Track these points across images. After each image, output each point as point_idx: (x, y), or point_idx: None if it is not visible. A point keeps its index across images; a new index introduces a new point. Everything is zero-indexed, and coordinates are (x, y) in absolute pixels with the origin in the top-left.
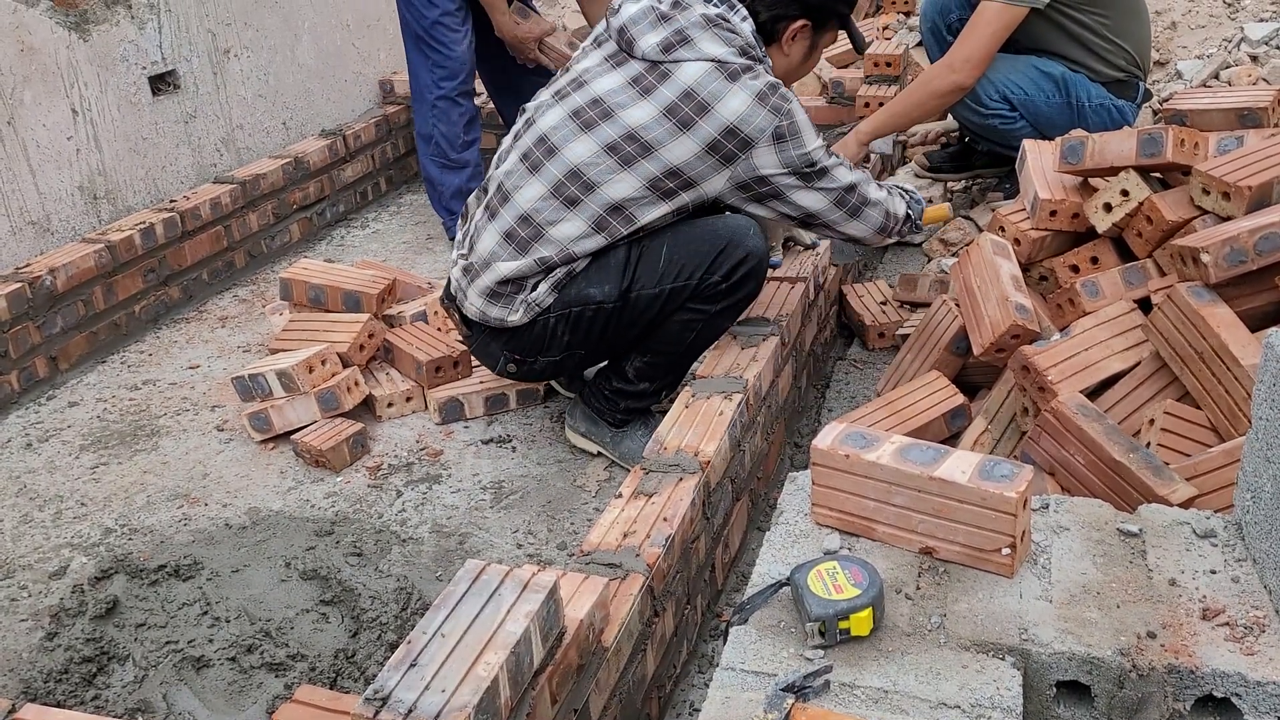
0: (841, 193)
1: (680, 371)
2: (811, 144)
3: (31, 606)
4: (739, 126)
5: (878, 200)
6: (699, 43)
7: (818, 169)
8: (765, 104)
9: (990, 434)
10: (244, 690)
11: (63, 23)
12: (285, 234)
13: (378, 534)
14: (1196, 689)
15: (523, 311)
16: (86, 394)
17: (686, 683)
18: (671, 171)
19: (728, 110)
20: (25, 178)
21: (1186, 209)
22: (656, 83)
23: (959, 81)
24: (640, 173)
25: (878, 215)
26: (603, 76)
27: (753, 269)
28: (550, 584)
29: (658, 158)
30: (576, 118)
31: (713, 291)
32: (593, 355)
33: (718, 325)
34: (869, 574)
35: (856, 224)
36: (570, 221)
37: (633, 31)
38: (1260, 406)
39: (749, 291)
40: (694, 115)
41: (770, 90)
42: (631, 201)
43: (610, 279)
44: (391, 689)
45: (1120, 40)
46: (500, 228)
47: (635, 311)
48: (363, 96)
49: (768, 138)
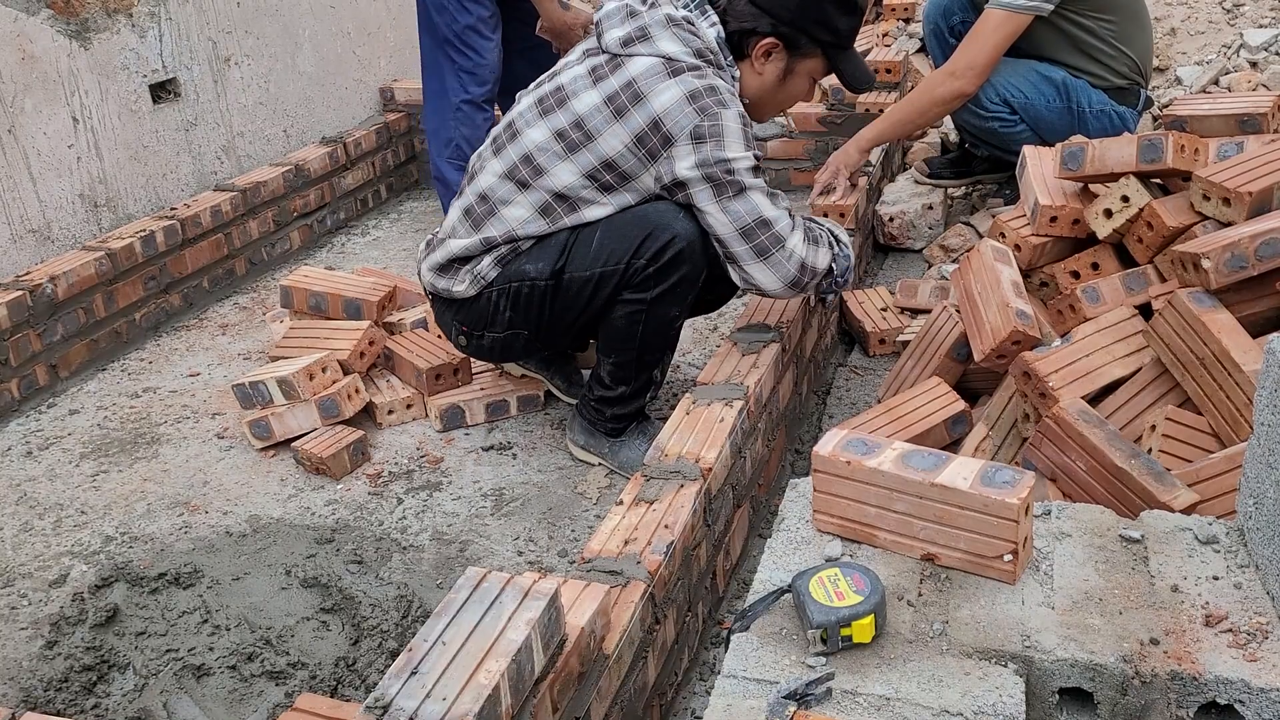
0: (752, 224)
1: (649, 369)
2: (734, 152)
3: (32, 615)
4: (662, 119)
5: (793, 250)
6: (657, 40)
7: (733, 181)
8: (695, 102)
9: (991, 440)
10: (244, 699)
11: (63, 31)
12: (286, 241)
13: (378, 541)
14: (1199, 696)
15: (468, 283)
16: (87, 402)
17: (688, 690)
18: (606, 163)
19: (657, 103)
20: (26, 185)
21: (1187, 215)
22: (609, 73)
23: (961, 88)
24: (580, 162)
25: (789, 266)
26: (574, 67)
27: (680, 252)
28: (551, 591)
29: (595, 148)
30: (540, 104)
31: (641, 277)
32: (536, 337)
33: (662, 314)
34: (871, 581)
35: (760, 266)
36: (519, 205)
37: (604, 25)
38: (1262, 412)
39: (683, 275)
40: (628, 104)
41: (706, 91)
42: (572, 190)
43: (546, 257)
44: (392, 697)
45: (1123, 47)
46: (463, 204)
47: (569, 294)
48: (363, 104)
49: (687, 135)
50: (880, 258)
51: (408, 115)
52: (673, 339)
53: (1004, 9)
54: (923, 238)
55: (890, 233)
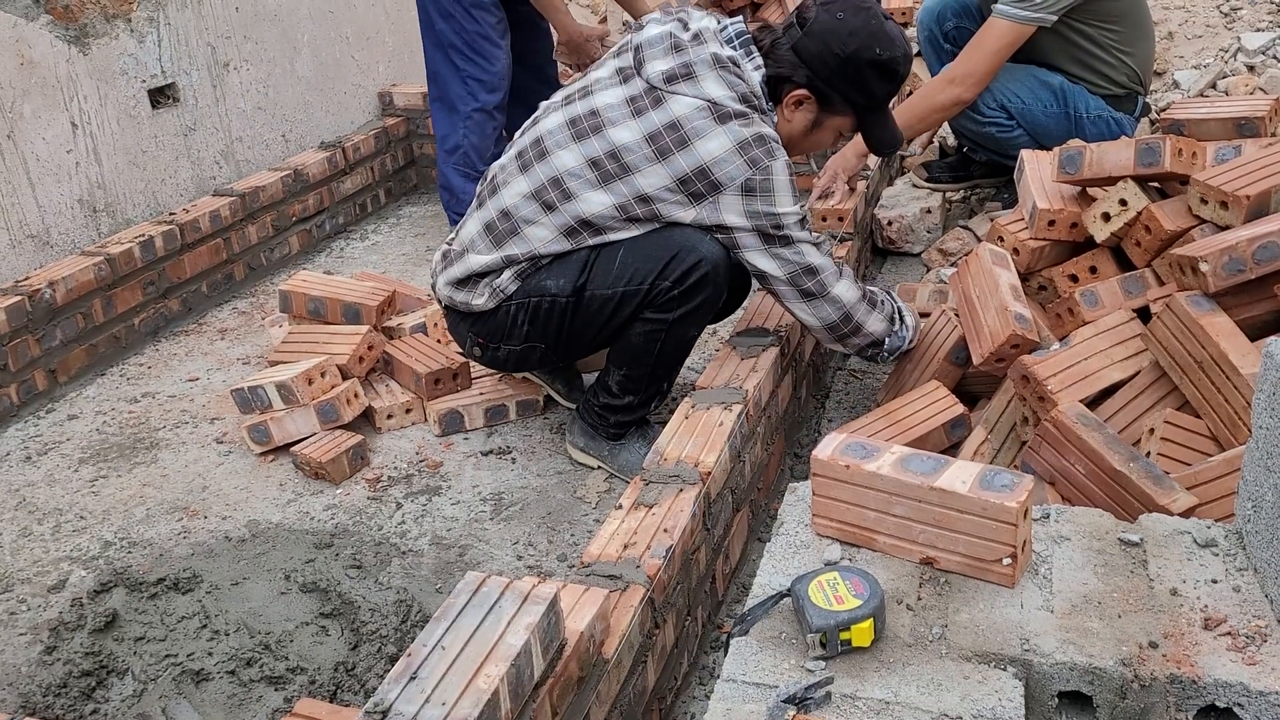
0: (799, 271)
1: (660, 382)
2: (784, 207)
3: (30, 620)
4: (711, 168)
5: (838, 298)
6: (702, 80)
7: (782, 235)
8: (745, 153)
9: (990, 444)
10: (244, 704)
11: (62, 36)
12: (285, 246)
13: (377, 546)
14: (1199, 699)
15: (487, 296)
16: (86, 407)
17: (687, 695)
18: (642, 198)
19: (705, 149)
20: (25, 191)
21: (1185, 218)
22: (650, 107)
23: (960, 95)
24: (614, 193)
25: (832, 312)
26: (608, 90)
27: (705, 275)
28: (551, 596)
29: (631, 182)
30: (572, 126)
31: (665, 298)
32: (554, 351)
33: (681, 334)
34: (870, 585)
35: (805, 308)
36: (544, 226)
37: (646, 53)
38: (1260, 415)
39: (706, 298)
40: (672, 147)
41: (756, 142)
42: (601, 219)
43: (567, 274)
44: (392, 702)
45: (1125, 55)
46: (483, 218)
47: (589, 311)
48: (362, 109)
49: (737, 187)
50: (879, 261)
51: (407, 120)
52: (686, 355)
53: (1008, 19)
54: (921, 241)
55: (889, 236)
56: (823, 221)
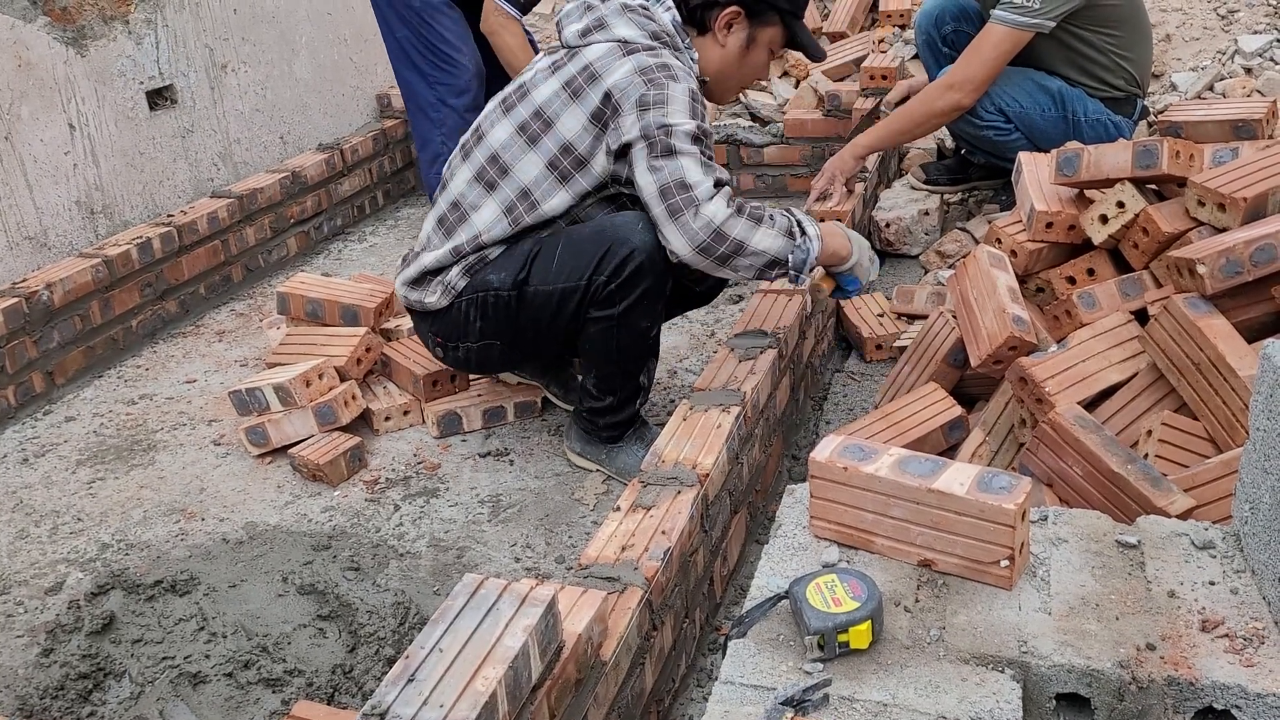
0: (671, 184)
1: (633, 378)
2: (677, 117)
3: (27, 622)
4: (613, 91)
5: (707, 217)
6: (613, 27)
7: (668, 144)
8: (645, 76)
9: (988, 446)
10: (241, 706)
11: (60, 38)
12: (282, 248)
13: (375, 548)
14: (1196, 701)
15: (440, 293)
16: (83, 409)
17: (685, 697)
18: (565, 147)
19: (610, 79)
20: (22, 193)
21: (1182, 220)
22: (566, 61)
23: (959, 101)
24: (542, 151)
25: (697, 228)
26: (536, 64)
27: (640, 265)
28: (548, 598)
29: (555, 133)
30: (503, 103)
31: (604, 293)
32: (512, 349)
33: (634, 327)
34: (868, 587)
35: (674, 230)
36: (487, 207)
37: (563, 23)
38: (1258, 417)
39: (646, 288)
40: (584, 85)
41: (659, 68)
42: (536, 186)
43: (509, 268)
44: (389, 704)
45: (1123, 60)
46: (436, 213)
47: (534, 306)
48: (360, 111)
49: (633, 103)
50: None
51: (404, 122)
52: (651, 347)
53: (1006, 25)
54: (919, 243)
55: (887, 238)
56: (804, 214)
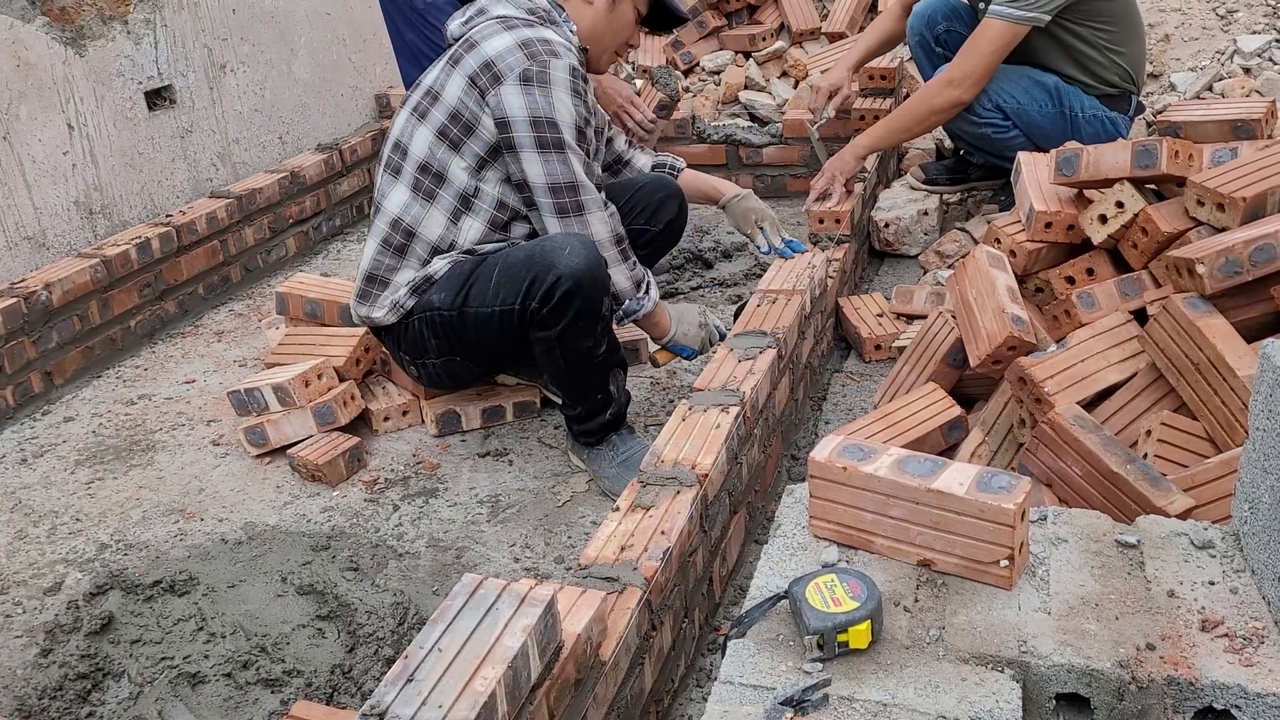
0: (562, 184)
1: (590, 392)
2: (561, 110)
3: (26, 623)
4: (494, 60)
5: (593, 226)
6: (492, 10)
7: (556, 139)
8: (526, 49)
9: (987, 446)
10: (240, 706)
11: (59, 38)
12: (281, 248)
13: (374, 548)
14: (1196, 701)
15: (388, 309)
16: (82, 409)
17: (684, 697)
18: (452, 114)
19: (489, 46)
20: (21, 193)
21: (1182, 220)
22: (459, 49)
23: (958, 97)
24: (430, 122)
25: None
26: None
27: (568, 290)
28: (547, 598)
29: (441, 103)
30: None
31: (538, 317)
32: (473, 362)
33: (576, 347)
34: (867, 586)
35: (556, 224)
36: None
37: (450, 25)
38: (1257, 417)
39: (578, 309)
40: (463, 52)
41: (538, 40)
42: (431, 156)
43: (450, 288)
44: (388, 704)
45: (1116, 55)
46: (377, 237)
47: (475, 329)
48: (359, 111)
49: (516, 76)
50: (876, 263)
51: None
52: (605, 362)
53: (1003, 19)
54: (918, 244)
55: (886, 238)
56: (820, 224)
